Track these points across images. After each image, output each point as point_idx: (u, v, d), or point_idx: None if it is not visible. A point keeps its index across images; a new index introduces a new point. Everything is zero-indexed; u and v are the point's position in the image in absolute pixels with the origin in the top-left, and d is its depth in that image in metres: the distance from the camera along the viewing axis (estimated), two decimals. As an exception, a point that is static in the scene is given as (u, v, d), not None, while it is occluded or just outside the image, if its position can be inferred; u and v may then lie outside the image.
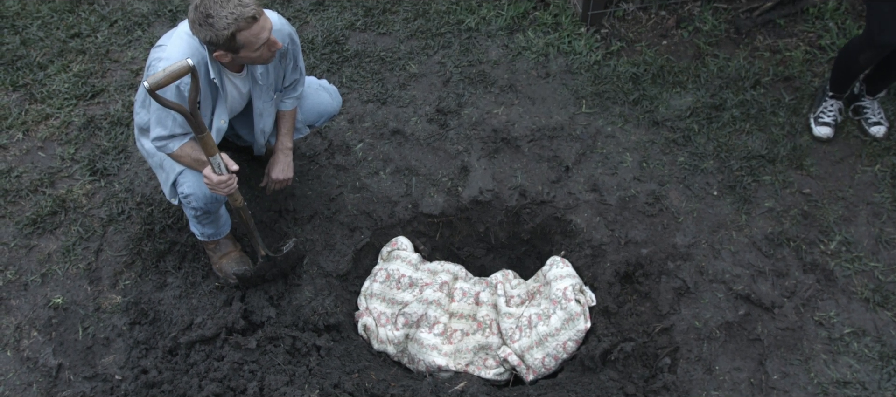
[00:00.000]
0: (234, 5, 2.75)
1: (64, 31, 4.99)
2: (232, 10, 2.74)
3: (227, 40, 2.79)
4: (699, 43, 4.55)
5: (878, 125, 3.97)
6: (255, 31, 2.83)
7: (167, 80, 2.65)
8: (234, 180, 3.00)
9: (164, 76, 2.64)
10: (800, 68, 4.31)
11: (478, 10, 4.93)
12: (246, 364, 3.29)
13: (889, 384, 3.15)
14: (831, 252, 3.57)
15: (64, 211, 3.92)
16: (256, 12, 2.80)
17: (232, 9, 2.74)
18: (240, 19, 2.76)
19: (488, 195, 3.96)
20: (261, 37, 2.86)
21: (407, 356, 3.60)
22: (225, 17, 2.74)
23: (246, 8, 2.77)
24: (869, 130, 3.97)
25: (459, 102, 4.36)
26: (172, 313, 3.54)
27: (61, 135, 4.29)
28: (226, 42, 2.80)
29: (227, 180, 2.96)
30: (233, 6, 2.75)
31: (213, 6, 2.73)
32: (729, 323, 3.38)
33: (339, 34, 4.85)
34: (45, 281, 3.65)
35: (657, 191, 3.85)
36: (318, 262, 3.76)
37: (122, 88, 4.57)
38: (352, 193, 3.98)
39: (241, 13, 2.76)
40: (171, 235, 3.80)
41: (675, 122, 4.14)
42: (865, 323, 3.34)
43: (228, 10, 2.74)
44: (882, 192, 3.75)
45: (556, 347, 3.42)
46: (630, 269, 3.61)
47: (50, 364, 3.36)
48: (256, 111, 3.34)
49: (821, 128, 3.97)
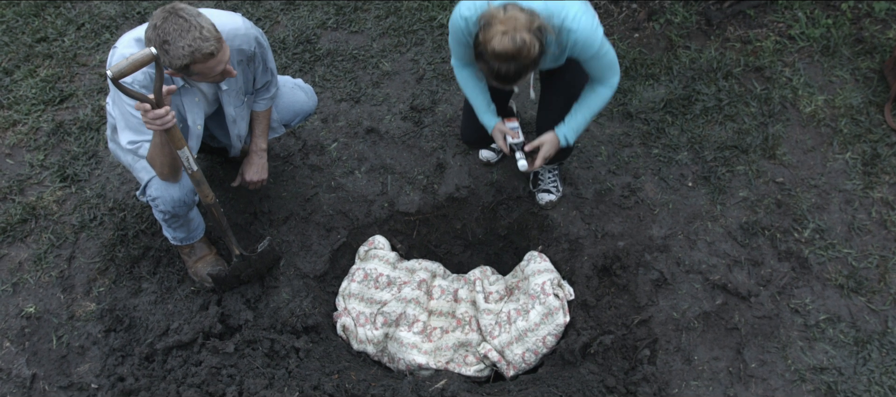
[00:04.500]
0: (194, 38, 2.66)
1: (29, 36, 4.91)
2: (190, 42, 2.66)
3: (181, 67, 2.73)
4: (671, 35, 4.57)
5: (547, 193, 3.86)
6: (211, 65, 2.76)
7: (130, 68, 2.56)
8: (170, 116, 2.75)
9: (128, 65, 2.55)
10: (770, 58, 4.34)
11: (450, 6, 4.92)
12: (224, 368, 3.27)
13: (864, 369, 3.19)
14: (805, 240, 3.60)
15: (34, 218, 3.86)
16: (215, 48, 2.72)
17: (190, 42, 2.66)
18: (196, 53, 2.68)
19: (464, 192, 3.96)
20: (216, 69, 2.80)
21: (387, 355, 3.58)
22: (182, 48, 2.65)
23: (205, 43, 2.68)
24: (537, 199, 3.87)
25: (433, 99, 4.35)
26: (148, 319, 3.50)
27: (30, 142, 4.23)
28: (179, 68, 2.73)
29: (163, 114, 2.71)
30: (191, 39, 2.66)
31: (172, 34, 2.64)
32: (706, 314, 3.40)
33: (310, 33, 4.82)
34: (17, 290, 3.60)
35: (632, 184, 3.87)
36: (294, 263, 3.74)
37: (90, 92, 4.51)
38: (327, 193, 3.96)
39: (198, 47, 2.67)
40: (145, 240, 3.76)
41: (648, 115, 4.16)
42: (840, 309, 3.38)
43: (187, 42, 2.65)
44: (854, 180, 3.79)
45: (536, 342, 3.42)
46: (607, 262, 3.62)
47: (24, 374, 3.31)
48: (229, 118, 3.30)
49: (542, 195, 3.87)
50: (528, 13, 2.65)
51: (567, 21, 2.79)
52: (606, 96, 3.17)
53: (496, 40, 2.61)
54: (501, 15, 2.63)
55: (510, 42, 2.59)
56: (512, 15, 2.62)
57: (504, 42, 2.60)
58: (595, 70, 3.06)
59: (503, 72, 2.69)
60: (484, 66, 2.75)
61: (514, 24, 2.61)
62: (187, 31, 2.65)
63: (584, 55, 2.94)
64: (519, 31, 2.60)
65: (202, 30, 2.67)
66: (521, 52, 2.62)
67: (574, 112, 3.25)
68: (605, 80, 3.12)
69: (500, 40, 2.60)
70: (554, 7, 2.77)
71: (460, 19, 2.87)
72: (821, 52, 4.35)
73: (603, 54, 2.96)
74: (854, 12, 4.50)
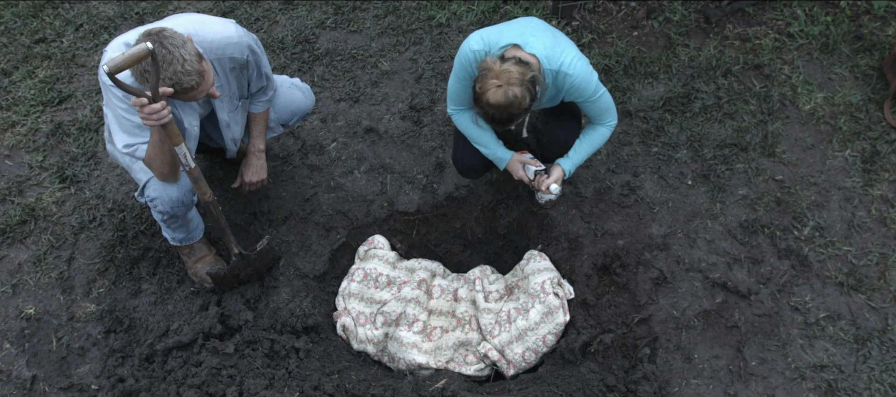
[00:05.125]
0: (174, 72, 2.67)
1: (28, 37, 4.91)
2: (171, 76, 2.67)
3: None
4: (670, 33, 4.57)
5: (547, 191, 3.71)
6: (191, 95, 2.80)
7: (126, 63, 2.55)
8: (166, 111, 2.76)
9: (124, 60, 2.54)
10: (769, 56, 4.34)
11: (448, 5, 4.91)
12: (224, 369, 3.27)
13: (865, 366, 3.19)
14: (805, 237, 3.60)
15: (34, 219, 3.86)
16: (196, 82, 2.73)
17: (171, 75, 2.67)
18: (177, 86, 2.70)
19: (464, 191, 3.95)
20: (197, 98, 2.83)
21: (387, 355, 3.58)
22: (165, 78, 2.67)
23: (186, 77, 2.70)
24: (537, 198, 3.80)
25: (432, 98, 4.35)
26: (148, 320, 3.50)
27: (29, 143, 4.22)
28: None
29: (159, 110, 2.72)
30: (172, 72, 2.67)
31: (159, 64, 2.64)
32: (706, 312, 3.40)
33: (309, 33, 4.81)
34: (17, 291, 3.59)
35: (632, 182, 3.87)
36: (294, 264, 3.74)
37: (89, 93, 4.50)
38: (326, 193, 3.96)
39: (179, 81, 2.69)
40: (145, 241, 3.76)
41: (647, 113, 4.16)
42: (840, 306, 3.38)
43: (170, 72, 2.67)
44: (853, 177, 3.79)
45: (536, 341, 3.42)
46: (607, 261, 3.62)
47: (24, 376, 3.31)
48: (222, 122, 3.29)
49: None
50: (523, 65, 2.91)
51: (564, 66, 3.06)
52: (606, 135, 3.41)
53: (490, 92, 2.89)
54: (497, 67, 2.90)
55: (502, 96, 2.88)
56: (506, 69, 2.89)
57: (497, 95, 2.88)
58: (592, 112, 3.32)
59: (497, 117, 2.98)
60: (480, 110, 3.01)
61: (508, 78, 2.88)
62: (169, 63, 2.66)
63: (580, 98, 3.20)
64: (512, 85, 2.88)
65: (184, 63, 2.68)
66: (513, 105, 2.91)
67: (577, 147, 3.45)
68: (603, 121, 3.36)
69: (494, 93, 2.89)
70: (552, 52, 3.06)
71: (470, 52, 3.13)
72: (820, 49, 4.35)
73: (598, 98, 3.22)
74: (853, 9, 4.50)
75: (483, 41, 3.10)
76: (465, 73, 3.20)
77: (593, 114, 3.32)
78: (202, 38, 2.94)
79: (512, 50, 3.05)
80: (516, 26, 3.16)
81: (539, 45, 3.04)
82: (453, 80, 3.30)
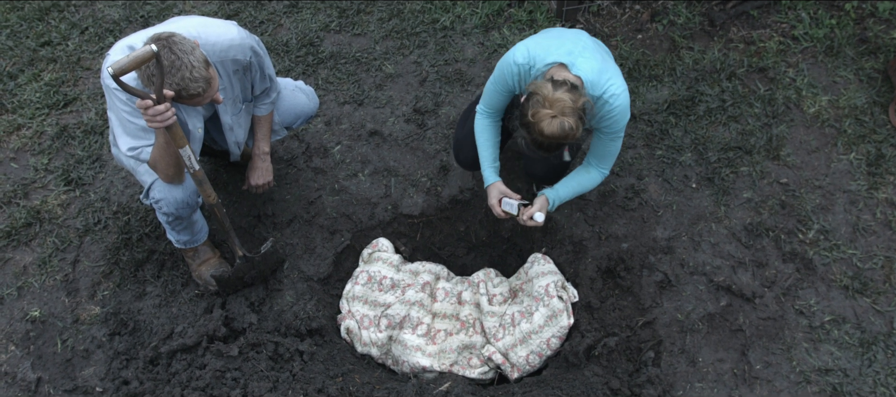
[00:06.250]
0: (182, 77, 2.67)
1: (33, 40, 4.92)
2: (179, 81, 2.68)
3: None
4: (674, 36, 4.57)
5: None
6: (197, 101, 2.80)
7: (131, 65, 2.54)
8: (171, 112, 2.75)
9: (128, 62, 2.53)
10: (774, 59, 4.34)
11: (452, 8, 4.92)
12: (228, 371, 3.27)
13: (870, 370, 3.18)
14: (810, 241, 3.60)
15: (39, 222, 3.86)
16: (202, 89, 2.74)
17: (179, 80, 2.68)
18: (183, 92, 2.71)
19: (468, 194, 3.95)
20: (201, 103, 2.83)
21: (391, 358, 3.58)
22: (172, 83, 2.68)
23: (194, 83, 2.70)
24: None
25: (437, 102, 4.35)
26: (152, 322, 3.50)
27: (34, 146, 4.23)
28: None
29: (164, 111, 2.72)
30: (180, 78, 2.67)
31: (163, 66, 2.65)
32: (711, 315, 3.39)
33: (313, 36, 4.82)
34: (22, 294, 3.60)
35: (636, 185, 3.87)
36: (298, 266, 3.74)
37: (94, 96, 4.51)
38: (331, 196, 3.96)
39: (186, 87, 2.70)
40: (149, 244, 3.76)
41: (652, 116, 4.16)
42: (845, 310, 3.37)
43: (178, 78, 2.67)
44: (858, 180, 3.78)
45: (540, 344, 3.42)
46: (611, 264, 3.61)
47: (29, 378, 3.32)
48: (226, 125, 3.29)
49: None
50: (575, 92, 2.80)
51: (607, 94, 2.96)
52: (596, 181, 3.35)
53: (545, 123, 2.78)
54: (550, 94, 2.78)
55: (558, 128, 2.78)
56: (559, 97, 2.76)
57: (552, 127, 2.78)
58: (601, 149, 3.22)
59: (546, 145, 2.87)
60: (527, 134, 2.90)
61: (562, 107, 2.77)
62: (177, 69, 2.66)
63: (608, 129, 3.09)
64: (566, 116, 2.77)
65: (192, 69, 2.69)
66: (567, 136, 2.81)
67: (566, 182, 3.37)
68: (603, 163, 3.29)
69: (549, 124, 2.78)
70: (599, 78, 2.96)
71: (513, 64, 3.05)
72: (824, 52, 4.34)
73: (618, 138, 3.14)
74: (858, 12, 4.49)
75: (528, 55, 3.01)
76: (503, 82, 3.13)
77: (601, 151, 3.22)
78: (205, 40, 2.94)
79: (558, 69, 2.95)
80: (565, 42, 3.04)
81: (587, 68, 2.93)
82: (491, 85, 3.23)
